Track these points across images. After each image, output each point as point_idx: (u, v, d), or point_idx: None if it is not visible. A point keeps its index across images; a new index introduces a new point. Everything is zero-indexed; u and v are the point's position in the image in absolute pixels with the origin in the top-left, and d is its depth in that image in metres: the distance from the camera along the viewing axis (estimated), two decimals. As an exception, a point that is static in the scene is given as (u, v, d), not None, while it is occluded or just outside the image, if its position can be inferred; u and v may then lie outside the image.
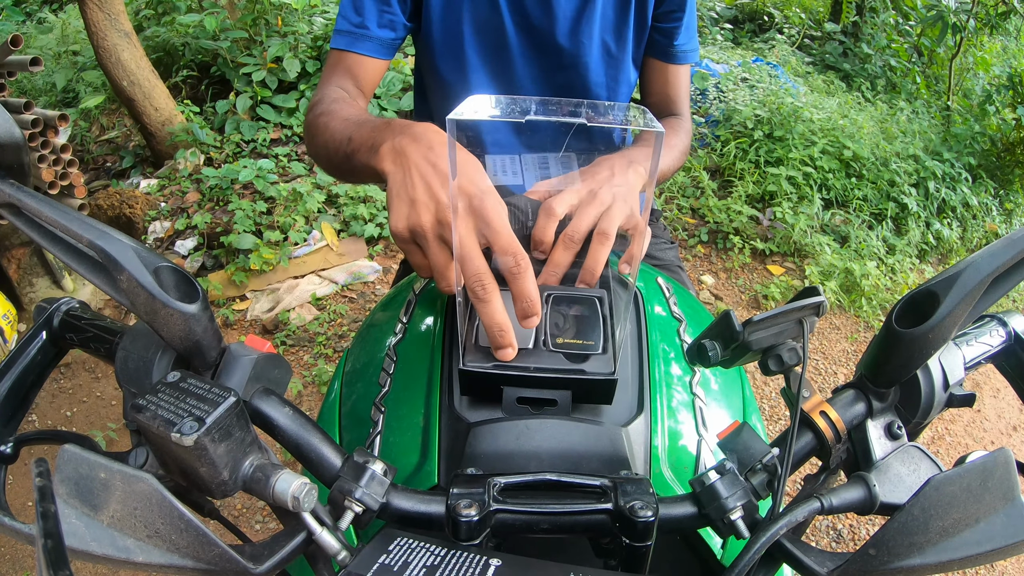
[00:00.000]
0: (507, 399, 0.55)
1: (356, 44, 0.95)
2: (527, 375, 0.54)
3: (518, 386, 0.54)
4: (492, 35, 1.00)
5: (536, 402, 0.55)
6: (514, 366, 0.54)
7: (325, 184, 2.98)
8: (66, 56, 4.07)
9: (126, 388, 0.49)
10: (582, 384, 0.54)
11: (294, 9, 3.56)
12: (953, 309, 0.43)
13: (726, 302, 2.81)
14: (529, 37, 1.00)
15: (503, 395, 0.55)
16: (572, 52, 1.01)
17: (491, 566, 0.40)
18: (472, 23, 0.99)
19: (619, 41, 1.03)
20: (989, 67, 4.58)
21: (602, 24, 1.00)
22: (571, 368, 0.54)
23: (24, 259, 2.45)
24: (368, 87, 0.97)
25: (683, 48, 1.06)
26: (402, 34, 0.98)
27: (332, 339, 2.48)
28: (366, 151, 0.65)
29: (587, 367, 0.54)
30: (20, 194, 0.45)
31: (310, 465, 0.46)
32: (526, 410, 0.55)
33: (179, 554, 0.36)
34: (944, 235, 3.25)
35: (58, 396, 2.28)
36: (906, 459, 0.48)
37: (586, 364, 0.54)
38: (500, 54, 1.02)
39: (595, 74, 1.04)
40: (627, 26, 1.02)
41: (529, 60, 1.03)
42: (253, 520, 1.89)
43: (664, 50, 1.06)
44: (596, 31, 1.00)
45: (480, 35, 1.00)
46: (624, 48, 1.04)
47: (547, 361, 0.55)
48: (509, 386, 0.54)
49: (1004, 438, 2.36)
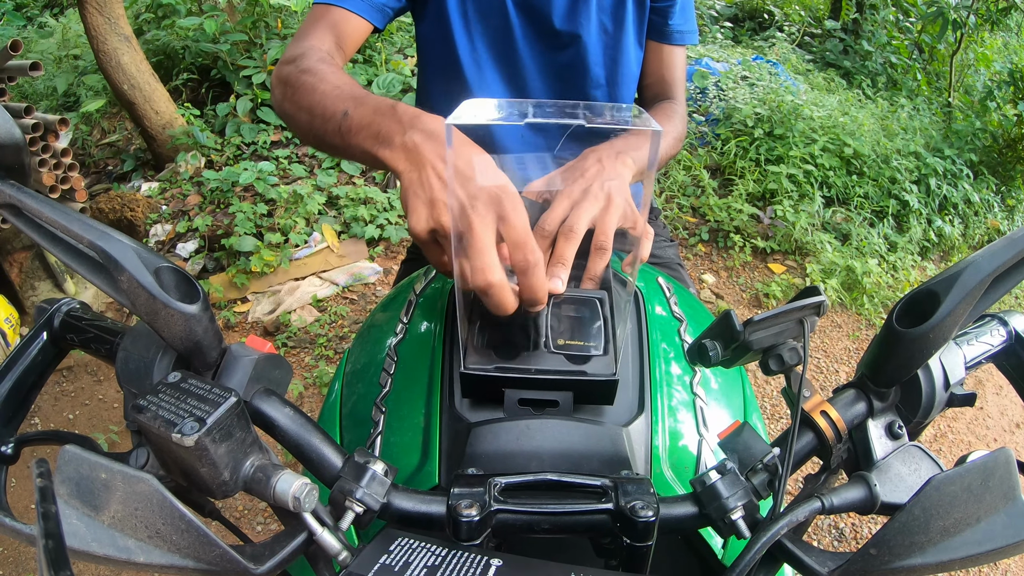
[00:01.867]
0: (509, 401, 0.55)
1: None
2: (528, 377, 0.54)
3: (519, 388, 0.54)
4: (495, 17, 1.01)
5: (538, 403, 0.55)
6: (515, 368, 0.54)
7: (325, 186, 2.98)
8: (66, 60, 4.08)
9: (127, 389, 0.49)
10: (583, 385, 0.54)
11: (293, 11, 3.56)
12: (954, 308, 0.43)
13: (727, 301, 2.81)
14: (529, 19, 1.02)
15: (505, 397, 0.55)
16: (571, 33, 1.02)
17: (492, 566, 0.40)
18: (475, 6, 1.00)
19: (616, 23, 1.04)
20: (990, 63, 4.58)
21: (599, 5, 1.02)
22: (572, 369, 0.54)
23: (26, 263, 2.45)
24: (350, 48, 0.93)
25: (678, 28, 1.07)
26: (393, 4, 0.96)
27: (333, 340, 2.48)
28: (370, 138, 0.63)
29: (588, 368, 0.54)
30: (21, 195, 0.45)
31: (311, 465, 0.46)
32: (528, 411, 0.54)
33: (180, 554, 0.36)
34: (946, 232, 3.25)
35: (60, 399, 2.28)
36: (907, 459, 0.48)
37: (587, 365, 0.54)
38: (503, 36, 1.03)
39: (594, 55, 1.05)
40: (624, 8, 1.03)
41: (530, 41, 1.04)
42: (254, 521, 1.89)
43: (659, 30, 1.07)
44: (594, 13, 1.01)
45: (484, 18, 1.01)
46: (622, 29, 1.05)
47: (548, 363, 0.55)
48: (510, 388, 0.54)
49: (1007, 436, 2.36)
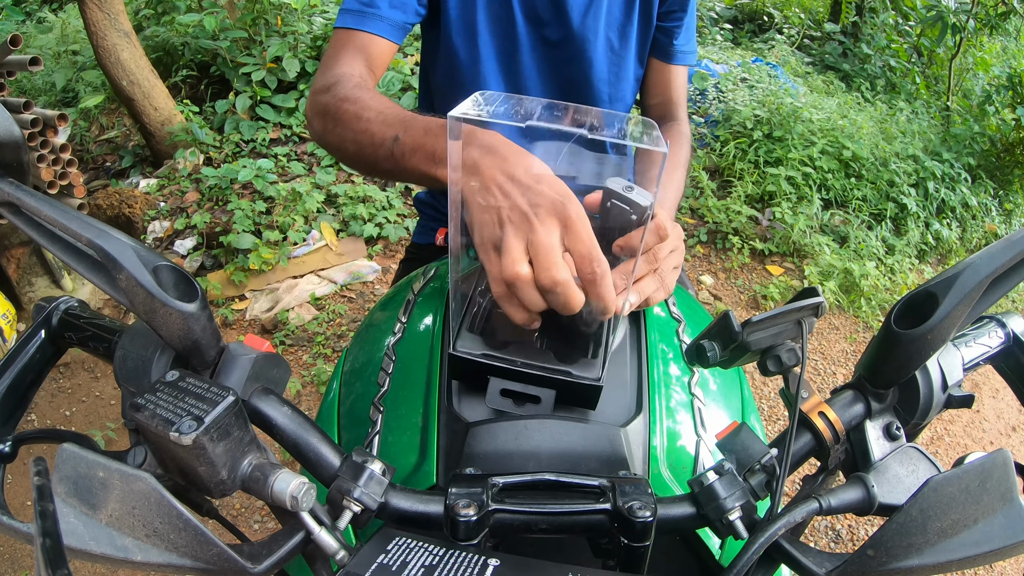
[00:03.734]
0: (491, 390, 0.55)
1: (366, 23, 0.91)
2: (514, 368, 0.54)
3: (504, 378, 0.55)
4: (503, 26, 1.01)
5: (519, 396, 0.55)
6: (502, 358, 0.54)
7: (324, 184, 2.98)
8: (65, 56, 4.06)
9: (124, 387, 0.49)
10: (567, 386, 0.54)
11: (294, 9, 3.56)
12: (952, 310, 0.43)
13: (725, 302, 2.81)
14: (537, 32, 1.02)
15: (488, 385, 0.55)
16: (577, 47, 1.03)
17: (489, 566, 0.39)
18: (486, 14, 1.00)
19: (623, 39, 1.05)
20: (989, 67, 4.58)
21: (607, 21, 1.02)
22: (558, 368, 0.54)
23: (23, 258, 2.45)
24: (380, 70, 0.94)
25: (682, 49, 1.08)
26: (413, 19, 0.96)
27: (331, 339, 2.48)
28: (425, 159, 0.65)
29: (575, 369, 0.54)
30: (19, 193, 0.45)
31: (308, 465, 0.46)
32: (509, 403, 0.55)
33: (177, 553, 0.36)
34: (943, 235, 3.25)
35: (57, 395, 2.28)
36: (905, 460, 0.48)
37: (574, 366, 0.54)
38: (510, 46, 1.03)
39: (598, 70, 1.06)
40: (631, 24, 1.04)
41: (536, 53, 1.05)
42: (251, 519, 1.89)
43: (664, 49, 1.08)
44: (601, 27, 1.02)
45: (493, 26, 1.01)
46: (627, 46, 1.06)
47: (536, 357, 0.55)
48: (495, 377, 0.54)
49: (1003, 439, 2.37)
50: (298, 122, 3.33)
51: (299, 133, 3.31)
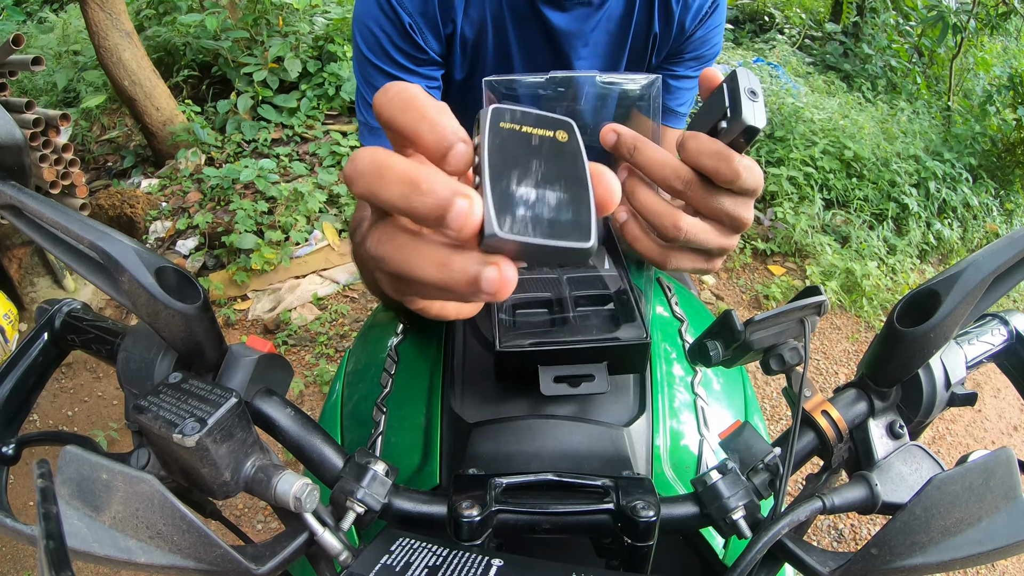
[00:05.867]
0: (544, 379, 0.52)
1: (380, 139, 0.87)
2: (564, 349, 0.52)
3: (554, 363, 0.52)
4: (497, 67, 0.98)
5: (573, 380, 0.53)
6: (550, 341, 0.52)
7: (326, 184, 2.98)
8: (67, 56, 4.07)
9: (127, 389, 0.49)
10: (617, 352, 0.52)
11: (295, 9, 3.56)
12: (954, 308, 0.43)
13: (727, 302, 2.81)
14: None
15: (540, 375, 0.52)
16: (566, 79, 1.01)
17: (493, 566, 0.39)
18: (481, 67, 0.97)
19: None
20: (989, 67, 4.57)
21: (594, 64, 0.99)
22: (605, 336, 0.53)
23: (25, 259, 2.45)
24: None
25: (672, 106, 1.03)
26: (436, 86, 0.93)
27: (334, 339, 2.48)
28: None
29: (620, 334, 0.53)
30: (21, 196, 0.45)
31: (312, 466, 0.46)
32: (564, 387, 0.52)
33: (181, 555, 0.36)
34: (945, 235, 3.25)
35: (59, 396, 2.28)
36: (908, 458, 0.48)
37: (619, 332, 0.53)
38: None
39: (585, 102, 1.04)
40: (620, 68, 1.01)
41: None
42: (255, 520, 1.89)
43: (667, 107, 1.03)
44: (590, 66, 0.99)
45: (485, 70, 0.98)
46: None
47: (579, 333, 0.53)
48: (545, 364, 0.52)
49: (1005, 438, 2.36)
50: (299, 122, 3.33)
51: (300, 133, 3.31)
